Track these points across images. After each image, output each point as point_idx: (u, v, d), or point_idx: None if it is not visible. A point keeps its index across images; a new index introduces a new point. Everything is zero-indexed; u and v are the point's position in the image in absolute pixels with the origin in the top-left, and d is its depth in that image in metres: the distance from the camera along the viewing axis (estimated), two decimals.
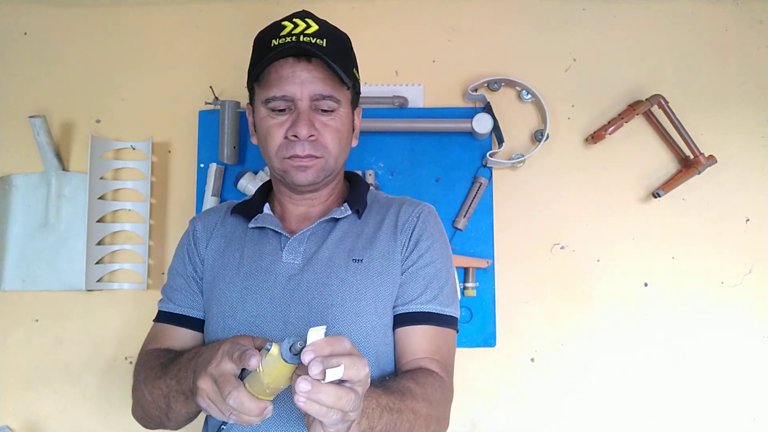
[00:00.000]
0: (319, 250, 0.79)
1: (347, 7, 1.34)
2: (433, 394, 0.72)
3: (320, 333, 0.50)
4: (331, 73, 0.77)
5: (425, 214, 0.84)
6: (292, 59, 0.76)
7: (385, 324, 0.78)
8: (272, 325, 0.75)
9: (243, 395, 0.55)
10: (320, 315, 0.74)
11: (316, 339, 0.50)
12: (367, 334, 0.75)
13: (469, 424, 1.22)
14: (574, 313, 1.24)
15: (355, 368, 0.49)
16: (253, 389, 0.56)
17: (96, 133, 1.30)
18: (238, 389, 0.56)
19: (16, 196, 1.29)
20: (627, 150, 1.28)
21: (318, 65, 0.76)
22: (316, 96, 0.76)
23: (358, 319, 0.74)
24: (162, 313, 0.87)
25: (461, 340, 1.22)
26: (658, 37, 1.31)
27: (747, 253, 1.25)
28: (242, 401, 0.55)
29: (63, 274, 1.26)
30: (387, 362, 0.78)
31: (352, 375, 0.49)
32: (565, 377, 1.22)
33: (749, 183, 1.27)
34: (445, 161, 1.26)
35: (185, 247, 0.88)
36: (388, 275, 0.78)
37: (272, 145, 0.78)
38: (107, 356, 1.26)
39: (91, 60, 1.35)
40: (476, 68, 1.30)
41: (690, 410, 1.21)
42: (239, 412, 0.56)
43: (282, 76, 0.76)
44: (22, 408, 1.25)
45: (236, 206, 0.89)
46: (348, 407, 0.49)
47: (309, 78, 0.76)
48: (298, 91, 0.76)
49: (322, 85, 0.76)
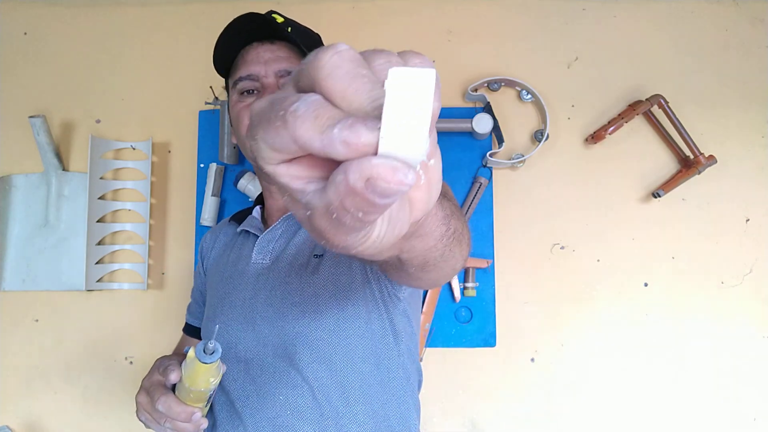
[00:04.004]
0: (286, 248, 0.77)
1: (347, 7, 1.34)
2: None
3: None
4: (296, 53, 0.77)
5: None
6: (256, 43, 0.78)
7: (350, 315, 0.72)
8: (242, 327, 0.75)
9: (170, 400, 0.58)
10: (281, 314, 0.72)
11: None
12: (330, 331, 0.71)
13: (469, 424, 1.22)
14: (574, 313, 1.24)
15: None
16: (181, 396, 0.59)
17: (96, 133, 1.30)
18: (166, 395, 0.59)
19: (16, 196, 1.29)
20: (627, 150, 1.28)
21: (281, 46, 0.78)
22: (281, 72, 0.77)
23: (318, 317, 0.71)
24: (185, 324, 0.94)
25: (461, 340, 1.22)
26: (658, 37, 1.31)
27: (747, 253, 1.25)
28: (170, 405, 0.58)
29: (63, 274, 1.26)
30: (360, 354, 0.72)
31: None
32: (565, 377, 1.22)
33: (749, 183, 1.27)
34: (444, 161, 1.26)
35: (196, 261, 0.92)
36: (347, 265, 0.74)
37: (242, 127, 0.78)
38: (107, 356, 1.26)
39: (91, 60, 1.35)
40: (476, 68, 1.30)
41: (690, 410, 1.21)
42: (169, 418, 0.59)
43: (247, 60, 0.78)
44: (22, 408, 1.25)
45: (236, 213, 0.91)
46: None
47: (273, 57, 0.77)
48: (263, 70, 0.77)
49: (287, 63, 0.77)
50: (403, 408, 0.74)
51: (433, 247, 0.40)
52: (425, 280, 0.50)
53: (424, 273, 0.46)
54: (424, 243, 0.38)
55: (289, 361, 0.71)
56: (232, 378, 0.73)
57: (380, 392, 0.72)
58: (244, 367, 0.73)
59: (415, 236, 0.36)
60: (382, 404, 0.72)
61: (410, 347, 0.78)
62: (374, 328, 0.73)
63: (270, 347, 0.72)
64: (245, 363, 0.73)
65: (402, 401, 0.74)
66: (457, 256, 0.47)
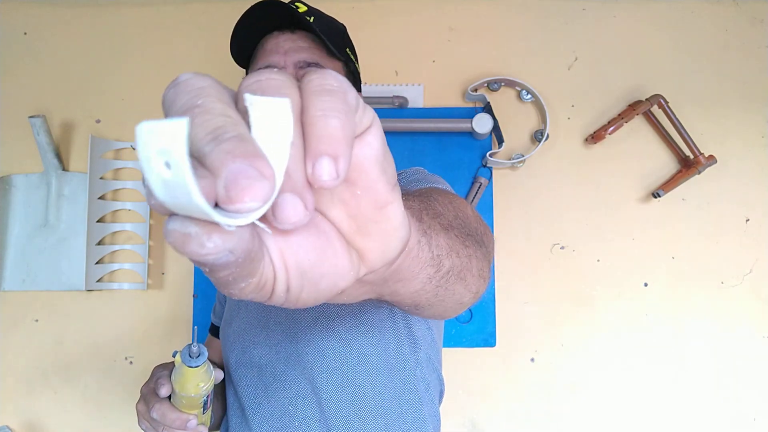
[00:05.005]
0: None
1: (347, 7, 1.34)
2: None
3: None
4: (318, 43, 0.74)
5: (407, 171, 0.75)
6: (276, 32, 0.74)
7: (363, 323, 0.69)
8: (256, 331, 0.73)
9: (165, 407, 0.57)
10: (294, 321, 0.70)
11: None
12: (341, 339, 0.69)
13: (469, 424, 1.22)
14: (574, 313, 1.24)
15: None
16: (175, 403, 0.59)
17: (96, 133, 1.30)
18: (161, 402, 0.58)
19: (16, 196, 1.29)
20: (627, 150, 1.28)
21: (302, 36, 0.74)
22: (300, 63, 0.73)
23: (330, 325, 0.69)
24: (210, 324, 0.93)
25: (461, 340, 1.22)
26: (658, 37, 1.31)
27: (747, 253, 1.25)
28: (164, 413, 0.57)
29: (63, 274, 1.26)
30: (373, 364, 0.69)
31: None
32: (565, 377, 1.22)
33: (749, 183, 1.27)
34: (445, 161, 1.26)
35: None
36: None
37: None
38: (107, 356, 1.26)
39: (91, 60, 1.35)
40: (476, 68, 1.30)
41: (690, 410, 1.21)
42: (164, 425, 0.58)
43: (266, 49, 0.74)
44: (22, 408, 1.25)
45: None
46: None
47: (293, 47, 0.73)
48: (282, 60, 0.73)
49: (307, 53, 0.73)
50: (419, 422, 0.71)
51: (421, 290, 0.36)
52: (428, 316, 0.46)
53: (421, 311, 0.43)
54: (407, 287, 0.34)
55: (301, 369, 0.68)
56: (245, 383, 0.71)
57: (394, 405, 0.69)
58: (257, 372, 0.71)
59: (392, 281, 0.32)
60: (396, 417, 0.69)
61: (430, 355, 0.74)
62: (389, 337, 0.70)
63: (283, 354, 0.70)
64: (259, 369, 0.71)
65: (418, 414, 0.71)
66: (461, 292, 0.42)
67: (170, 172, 0.18)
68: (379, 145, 0.24)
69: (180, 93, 0.20)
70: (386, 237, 0.25)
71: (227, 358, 0.75)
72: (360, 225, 0.25)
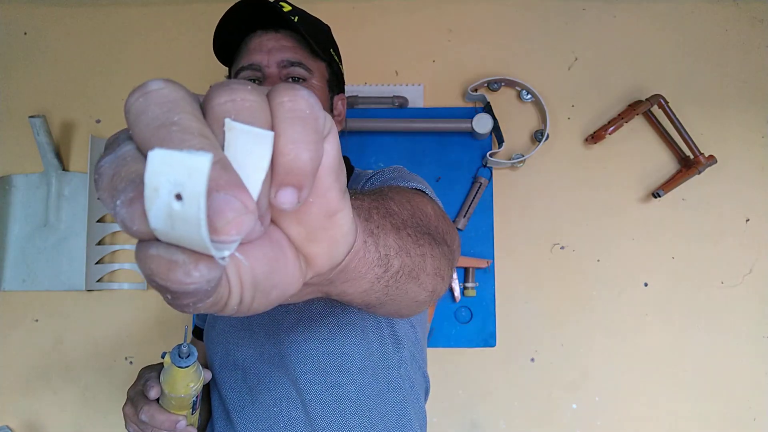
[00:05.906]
0: None
1: (347, 7, 1.34)
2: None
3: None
4: (302, 43, 0.74)
5: (385, 169, 0.74)
6: (260, 31, 0.74)
7: (345, 324, 0.69)
8: (240, 333, 0.72)
9: (153, 409, 0.57)
10: (277, 322, 0.70)
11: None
12: (324, 340, 0.68)
13: (469, 424, 1.22)
14: (574, 313, 1.24)
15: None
16: (164, 404, 0.58)
17: (96, 133, 1.30)
18: (149, 404, 0.58)
19: (16, 196, 1.29)
20: (627, 150, 1.28)
21: (286, 35, 0.74)
22: (283, 62, 0.73)
23: (312, 325, 0.68)
24: (194, 327, 0.93)
25: (461, 340, 1.22)
26: (658, 37, 1.31)
27: (747, 253, 1.25)
28: (152, 414, 0.57)
29: (63, 274, 1.26)
30: (356, 364, 0.69)
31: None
32: (565, 377, 1.22)
33: (749, 183, 1.27)
34: (445, 161, 1.26)
35: None
36: None
37: None
38: (107, 356, 1.26)
39: (91, 60, 1.35)
40: (476, 68, 1.30)
41: (690, 410, 1.21)
42: (153, 427, 0.58)
43: (250, 48, 0.74)
44: (22, 408, 1.25)
45: None
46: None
47: (276, 46, 0.73)
48: (265, 59, 0.73)
49: (291, 53, 0.73)
50: (404, 420, 0.71)
51: (369, 289, 0.36)
52: (384, 314, 0.45)
53: (374, 310, 0.42)
54: (355, 287, 0.34)
55: (284, 371, 0.68)
56: (230, 386, 0.71)
57: (379, 404, 0.69)
58: (241, 375, 0.71)
59: (339, 282, 0.32)
60: (381, 416, 0.69)
61: (414, 353, 0.74)
62: (371, 337, 0.69)
63: (266, 355, 0.70)
64: (243, 371, 0.71)
65: (403, 413, 0.71)
66: (415, 290, 0.42)
67: (180, 205, 0.17)
68: (336, 154, 0.24)
69: (151, 104, 0.19)
70: (334, 243, 0.26)
71: (211, 360, 0.75)
72: (309, 232, 0.25)
